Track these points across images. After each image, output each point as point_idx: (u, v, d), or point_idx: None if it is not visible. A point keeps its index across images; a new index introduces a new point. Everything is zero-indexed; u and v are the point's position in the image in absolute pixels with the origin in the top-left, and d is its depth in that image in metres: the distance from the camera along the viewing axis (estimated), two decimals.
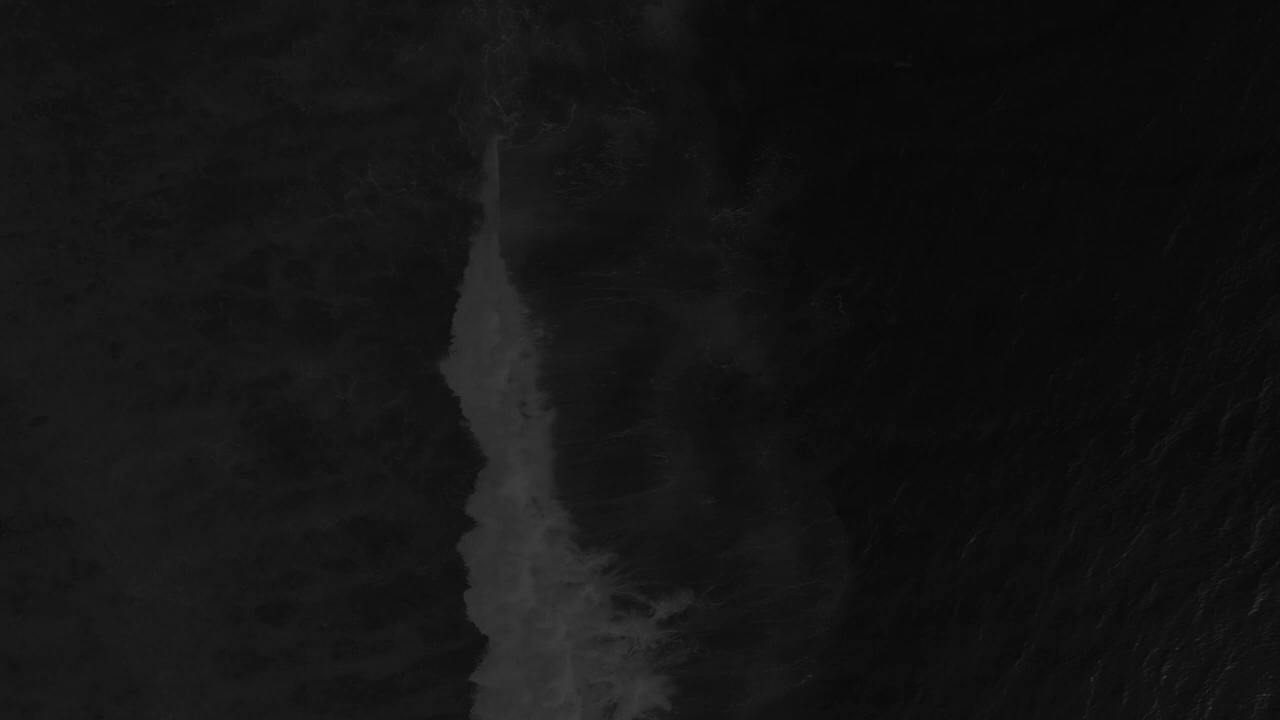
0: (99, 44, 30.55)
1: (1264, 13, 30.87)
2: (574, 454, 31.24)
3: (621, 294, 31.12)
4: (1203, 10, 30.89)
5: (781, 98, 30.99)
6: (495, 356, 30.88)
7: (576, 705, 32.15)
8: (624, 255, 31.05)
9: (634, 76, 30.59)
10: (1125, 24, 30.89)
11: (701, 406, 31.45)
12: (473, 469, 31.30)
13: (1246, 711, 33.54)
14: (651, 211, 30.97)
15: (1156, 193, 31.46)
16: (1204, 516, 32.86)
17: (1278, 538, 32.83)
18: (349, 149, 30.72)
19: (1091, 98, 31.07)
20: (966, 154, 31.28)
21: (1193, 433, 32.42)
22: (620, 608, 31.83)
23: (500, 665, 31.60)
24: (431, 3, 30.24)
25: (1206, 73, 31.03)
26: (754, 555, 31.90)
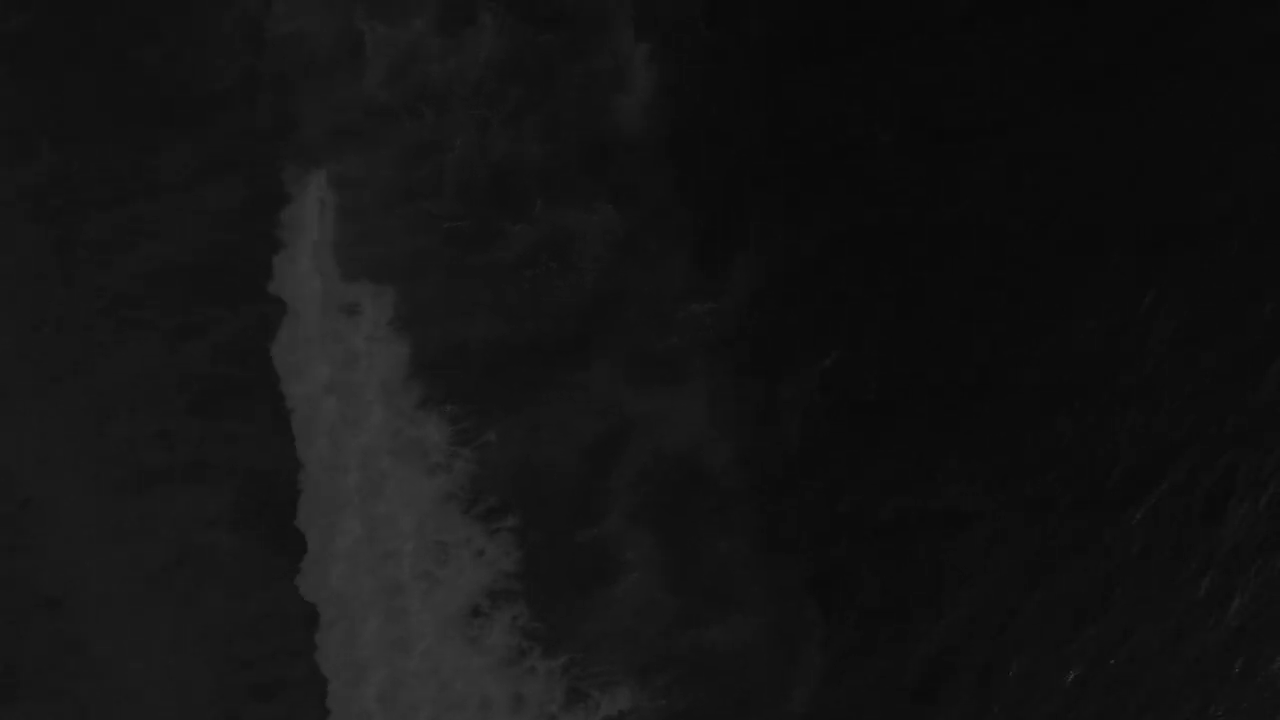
0: (86, 128, 30.84)
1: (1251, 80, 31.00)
2: (529, 562, 31.11)
3: (582, 393, 30.97)
4: (1183, 80, 31.06)
5: (755, 178, 30.91)
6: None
7: None
8: (586, 355, 30.88)
9: (601, 170, 30.34)
10: (1106, 95, 31.02)
11: (664, 501, 31.32)
12: None
13: None
14: (618, 309, 30.81)
15: (1139, 260, 31.48)
16: (1184, 579, 32.83)
17: (1259, 602, 32.87)
18: None
19: (1073, 168, 31.11)
20: (945, 226, 31.23)
21: (1177, 499, 32.38)
22: (573, 702, 31.79)
23: None
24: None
25: (1190, 141, 31.14)
26: (718, 646, 31.72)
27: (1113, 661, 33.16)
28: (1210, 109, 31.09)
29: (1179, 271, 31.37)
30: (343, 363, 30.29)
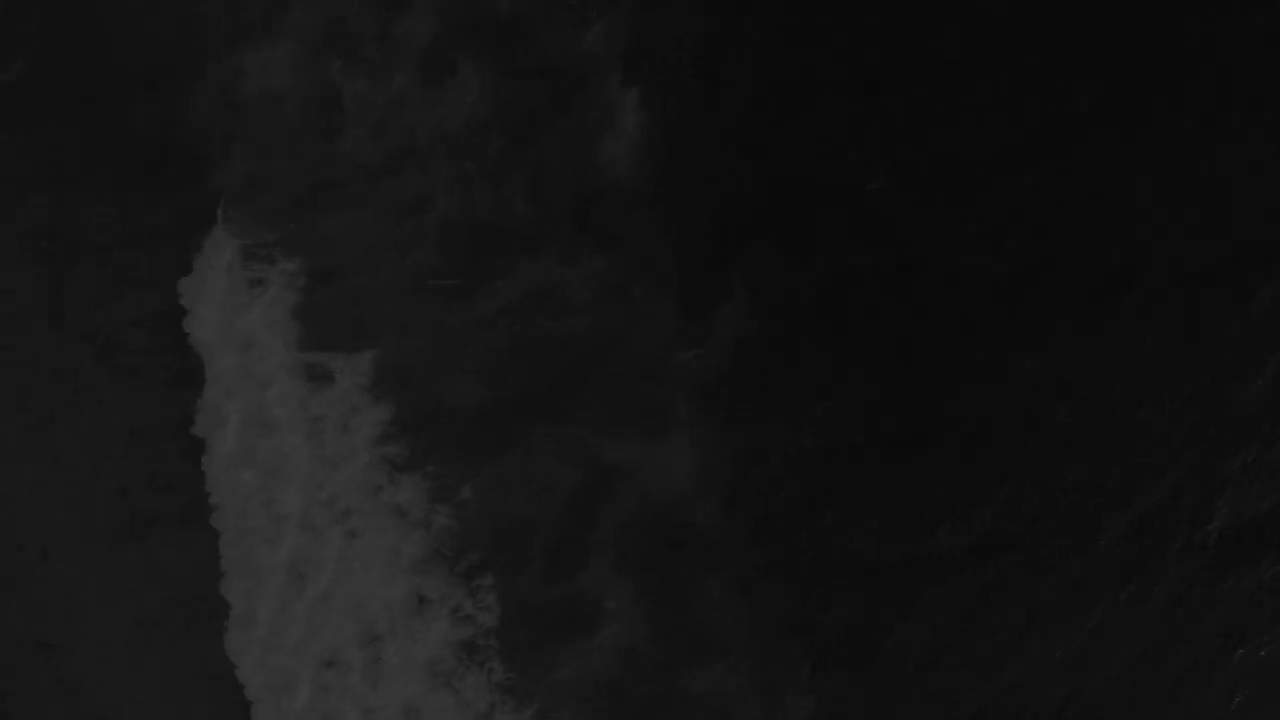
0: (77, 178, 31.19)
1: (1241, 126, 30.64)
2: (506, 616, 30.95)
3: (564, 443, 30.86)
4: (1172, 126, 30.74)
5: (743, 224, 30.87)
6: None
7: None
8: (568, 406, 30.77)
9: (587, 219, 30.31)
10: (1094, 141, 30.75)
11: (647, 549, 31.13)
12: None
13: None
14: (602, 358, 30.75)
15: (1129, 301, 31.24)
16: (1176, 621, 32.46)
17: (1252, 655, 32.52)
18: None
19: (1062, 213, 30.88)
20: (935, 270, 31.07)
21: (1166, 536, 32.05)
22: None
23: None
24: None
25: (1180, 185, 30.85)
26: (702, 694, 31.50)
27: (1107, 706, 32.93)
28: (1200, 155, 30.73)
29: (1168, 315, 30.96)
30: (310, 431, 30.44)
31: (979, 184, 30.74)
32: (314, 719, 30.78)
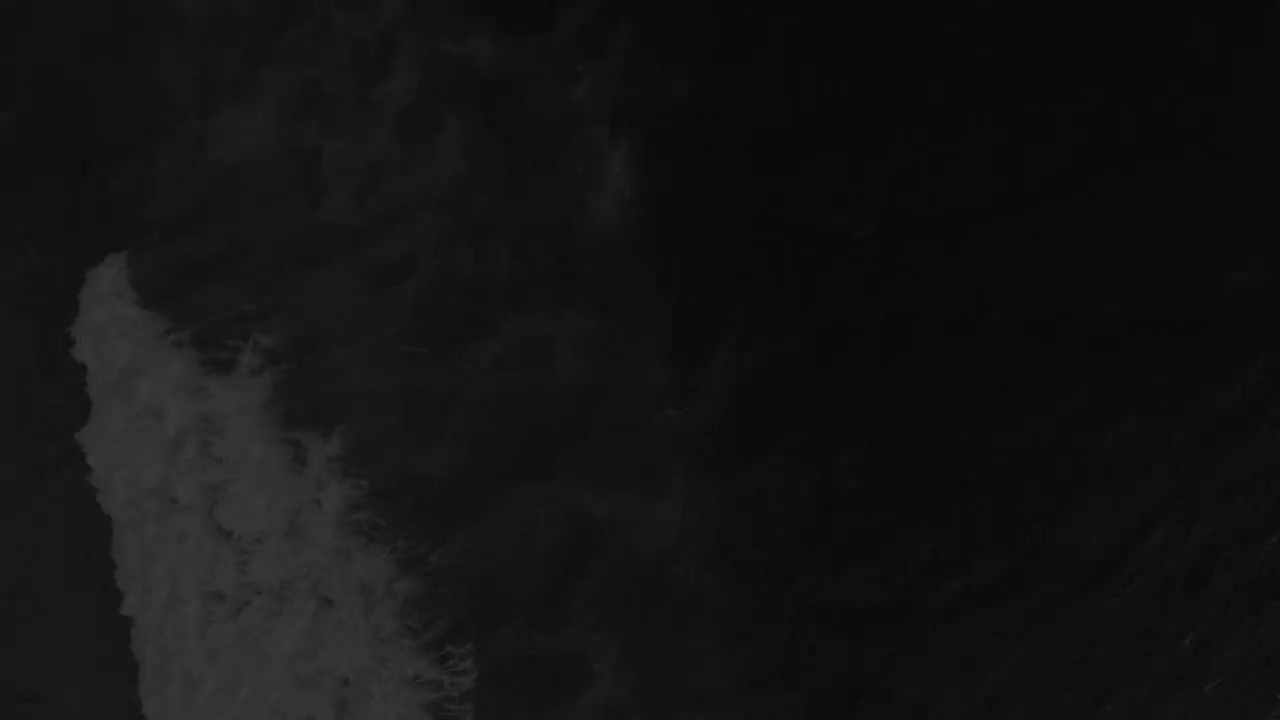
0: (63, 233, 31.21)
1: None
2: (484, 681, 30.75)
3: (546, 503, 30.65)
4: (1162, 170, 30.27)
5: (732, 276, 30.60)
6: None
7: None
8: (552, 466, 30.55)
9: (575, 274, 29.96)
10: (1085, 185, 30.29)
11: (632, 605, 30.94)
12: None
13: None
14: (588, 417, 30.48)
15: (1120, 349, 30.84)
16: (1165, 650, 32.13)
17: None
18: None
19: (1054, 260, 30.54)
20: (925, 318, 30.77)
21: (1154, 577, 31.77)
22: None
23: None
24: None
25: (1172, 232, 30.41)
26: None
27: None
28: (1191, 199, 30.30)
29: (1153, 360, 30.58)
30: (284, 508, 30.44)
31: (968, 231, 30.38)
32: None
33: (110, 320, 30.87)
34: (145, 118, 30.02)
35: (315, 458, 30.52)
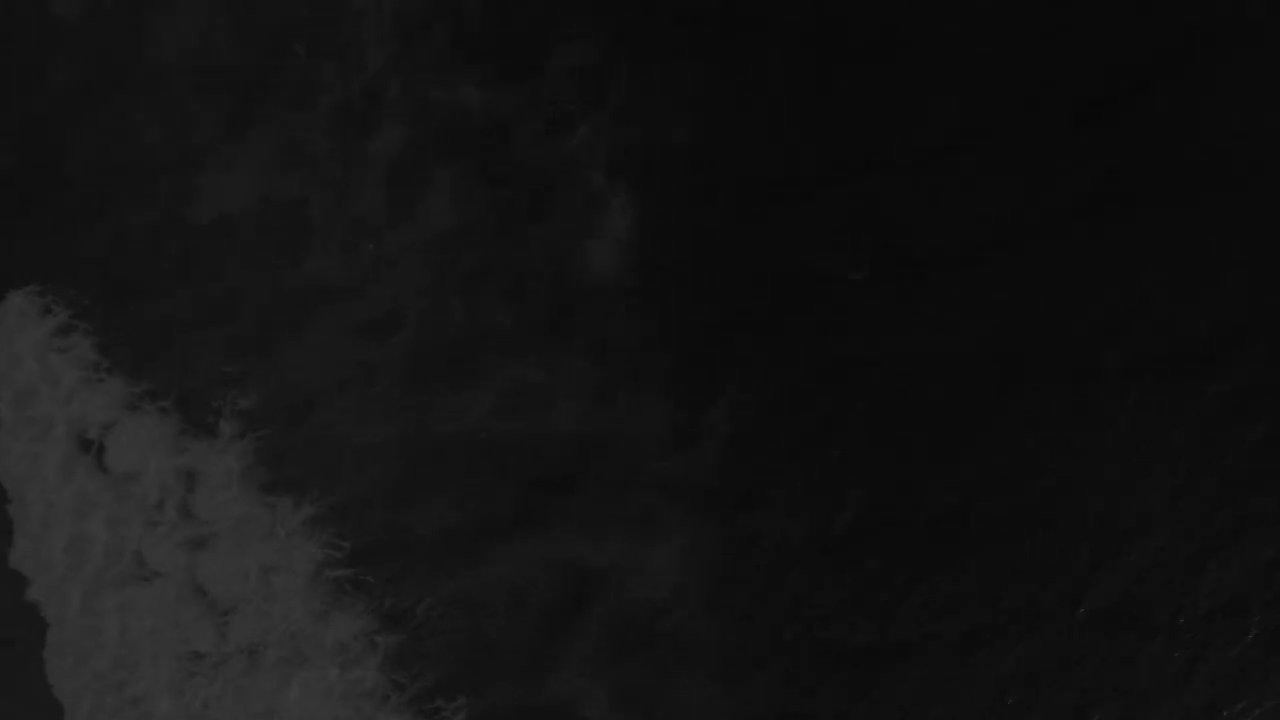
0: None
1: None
2: None
3: (540, 553, 30.11)
4: (1158, 212, 30.42)
5: (732, 320, 30.39)
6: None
7: None
8: (547, 517, 30.04)
9: (570, 321, 29.72)
10: (1082, 226, 30.34)
11: (626, 653, 30.25)
12: None
13: None
14: (584, 467, 30.08)
15: (1119, 388, 30.81)
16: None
17: None
18: None
19: (1051, 300, 30.52)
20: (918, 359, 30.58)
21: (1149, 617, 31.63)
22: None
23: None
24: None
25: (1173, 268, 30.49)
26: None
27: None
28: (1186, 241, 30.39)
29: (1159, 402, 30.40)
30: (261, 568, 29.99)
31: (963, 273, 30.42)
32: None
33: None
34: (124, 174, 29.42)
35: (292, 520, 30.00)
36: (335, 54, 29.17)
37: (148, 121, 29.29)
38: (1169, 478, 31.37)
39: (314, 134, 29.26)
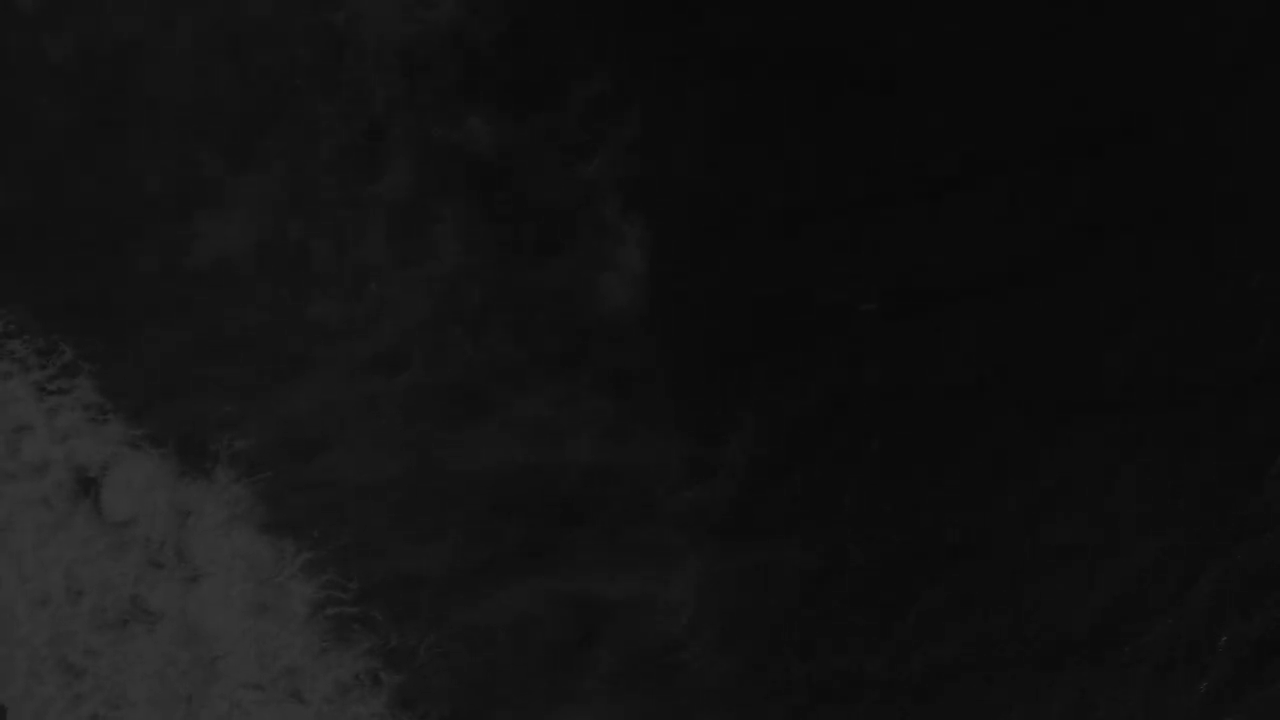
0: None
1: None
2: None
3: (551, 591, 30.02)
4: (1166, 243, 30.66)
5: (748, 351, 30.39)
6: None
7: None
8: (556, 557, 29.98)
9: (581, 357, 29.61)
10: (1091, 259, 30.58)
11: (638, 690, 30.28)
12: None
13: None
14: (599, 503, 30.04)
15: (1124, 419, 31.15)
16: None
17: None
18: None
19: (1057, 330, 30.91)
20: (931, 389, 30.96)
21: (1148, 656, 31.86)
22: None
23: None
24: None
25: (1179, 300, 30.73)
26: None
27: None
28: (1191, 275, 30.60)
29: (1159, 434, 31.18)
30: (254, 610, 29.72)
31: (971, 304, 30.81)
32: None
33: None
34: (123, 218, 28.84)
35: (292, 561, 29.66)
36: (337, 92, 28.73)
37: (146, 165, 28.67)
38: (1178, 506, 31.83)
39: (316, 174, 28.85)
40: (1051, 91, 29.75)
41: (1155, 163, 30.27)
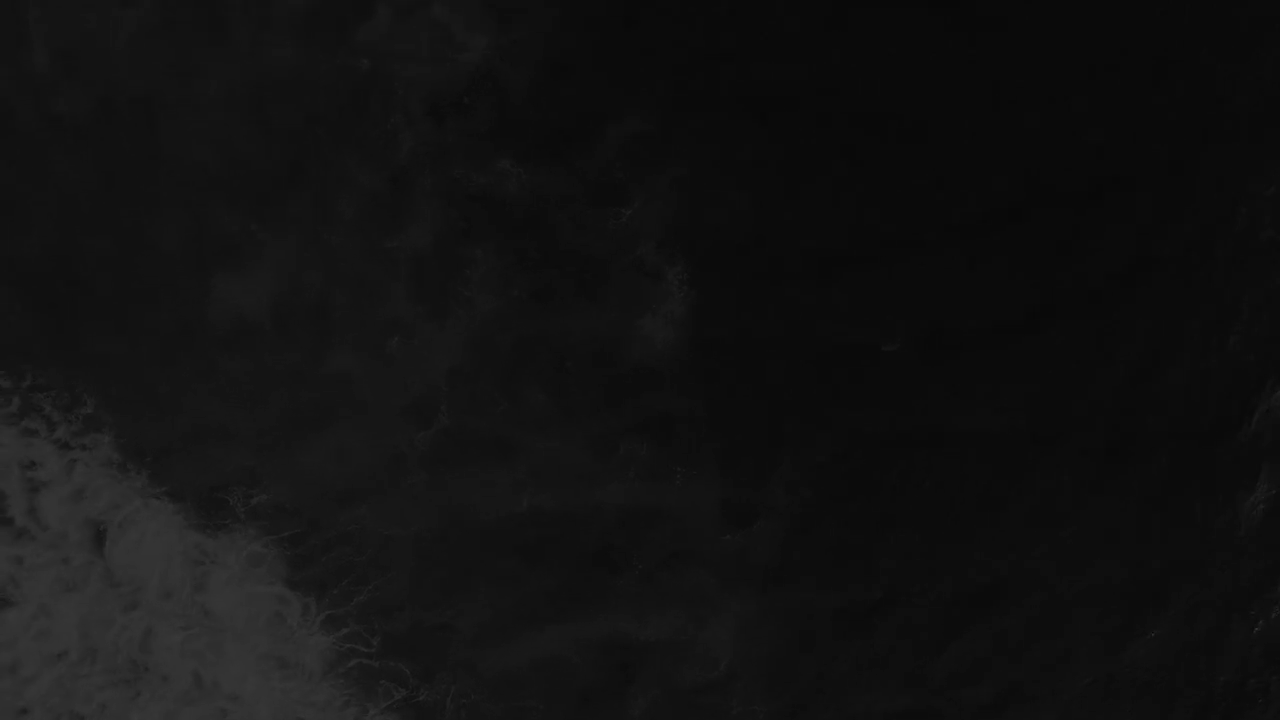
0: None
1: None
2: None
3: (586, 638, 30.06)
4: (1182, 285, 30.82)
5: (780, 394, 30.21)
6: None
7: None
8: (591, 602, 29.96)
9: (619, 402, 29.42)
10: (1112, 299, 30.81)
11: None
12: None
13: None
14: (635, 547, 30.00)
15: (1154, 464, 31.61)
16: None
17: None
18: None
19: (1079, 374, 31.13)
20: (957, 433, 31.05)
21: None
22: None
23: None
24: None
25: (1197, 342, 30.94)
26: None
27: None
28: (1225, 316, 31.24)
29: (1188, 478, 31.85)
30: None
31: (997, 345, 30.86)
32: None
33: None
34: (142, 275, 28.20)
35: (313, 616, 29.57)
36: (362, 143, 28.20)
37: (165, 221, 28.03)
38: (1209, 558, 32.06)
39: (339, 227, 28.37)
40: (1076, 140, 29.91)
41: (1181, 207, 30.48)
